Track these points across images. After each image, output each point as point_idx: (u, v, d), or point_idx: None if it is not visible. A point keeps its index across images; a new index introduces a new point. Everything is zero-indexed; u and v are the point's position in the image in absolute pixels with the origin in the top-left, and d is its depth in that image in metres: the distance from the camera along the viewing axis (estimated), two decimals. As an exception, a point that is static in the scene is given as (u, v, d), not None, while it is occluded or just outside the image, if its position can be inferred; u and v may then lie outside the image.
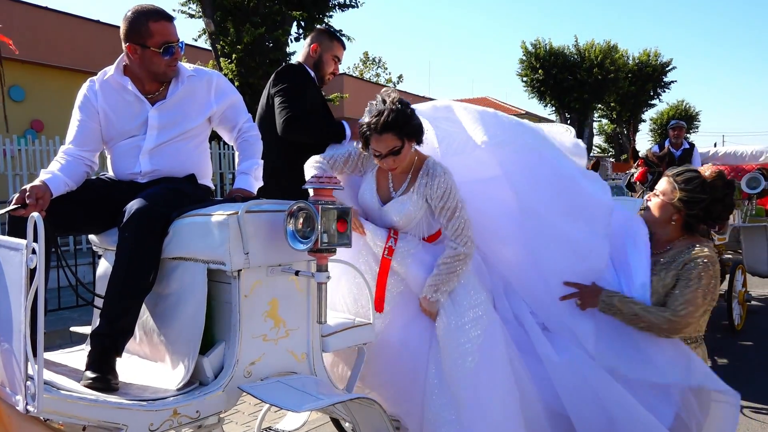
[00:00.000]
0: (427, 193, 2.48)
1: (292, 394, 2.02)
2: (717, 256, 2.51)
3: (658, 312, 2.42)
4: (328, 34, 3.53)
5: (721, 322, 6.33)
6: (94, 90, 2.45)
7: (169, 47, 2.36)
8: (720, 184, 2.50)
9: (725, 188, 2.52)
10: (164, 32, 2.36)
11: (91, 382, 1.94)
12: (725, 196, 2.51)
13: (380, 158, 2.45)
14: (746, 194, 6.66)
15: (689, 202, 2.48)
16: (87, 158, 2.46)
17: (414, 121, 2.45)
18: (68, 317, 5.98)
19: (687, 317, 2.39)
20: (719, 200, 2.49)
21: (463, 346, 2.42)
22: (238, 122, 2.66)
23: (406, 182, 2.55)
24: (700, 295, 2.40)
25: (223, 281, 2.09)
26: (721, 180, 2.51)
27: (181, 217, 2.17)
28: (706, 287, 2.40)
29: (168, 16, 2.40)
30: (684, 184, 2.50)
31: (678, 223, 2.54)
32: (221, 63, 11.36)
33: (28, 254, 1.62)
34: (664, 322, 2.40)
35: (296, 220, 2.01)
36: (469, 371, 2.39)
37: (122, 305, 2.12)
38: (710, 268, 2.42)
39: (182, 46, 2.42)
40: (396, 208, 2.53)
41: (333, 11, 12.37)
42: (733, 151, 8.06)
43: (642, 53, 28.05)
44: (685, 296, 2.41)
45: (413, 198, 2.50)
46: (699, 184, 2.48)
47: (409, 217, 2.52)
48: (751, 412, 4.18)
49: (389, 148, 2.40)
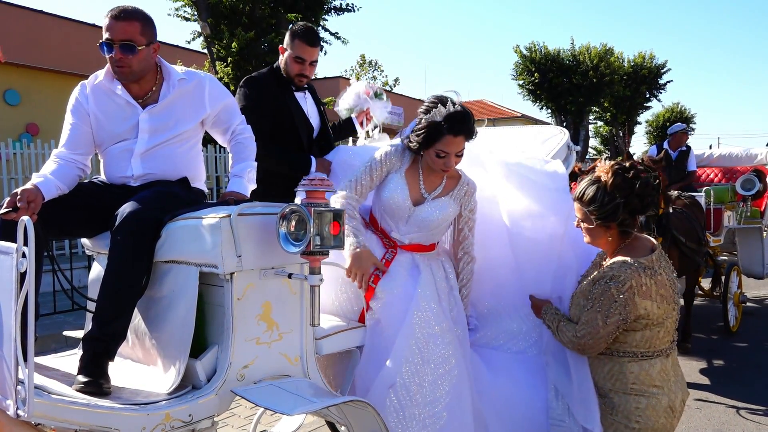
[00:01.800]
0: (464, 201, 2.60)
1: (286, 397, 2.01)
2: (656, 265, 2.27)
3: (567, 332, 2.34)
4: (291, 33, 3.30)
5: (717, 324, 6.35)
6: (85, 94, 2.44)
7: (102, 43, 2.30)
8: (620, 182, 2.26)
9: (630, 182, 2.26)
10: (106, 29, 2.30)
11: (82, 386, 1.93)
12: (633, 186, 2.26)
13: (444, 158, 2.46)
14: (741, 196, 6.68)
15: (606, 217, 2.27)
16: (79, 161, 2.45)
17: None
18: (63, 321, 5.95)
19: (585, 338, 2.26)
20: (633, 195, 2.26)
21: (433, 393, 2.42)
22: (231, 124, 2.65)
23: (441, 186, 2.59)
24: (600, 318, 2.22)
25: (216, 284, 2.08)
26: (618, 177, 2.26)
27: (174, 220, 2.16)
28: (607, 309, 2.21)
29: (112, 12, 2.30)
30: (590, 204, 2.29)
31: (615, 236, 2.34)
32: (216, 66, 11.37)
33: (18, 258, 1.61)
34: (569, 342, 2.34)
35: (289, 222, 2.01)
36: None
37: (114, 309, 2.11)
38: (611, 288, 2.21)
39: (127, 45, 2.28)
40: (433, 208, 2.56)
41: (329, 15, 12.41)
42: (728, 153, 8.09)
43: (637, 56, 28.13)
44: (586, 317, 2.28)
45: (450, 202, 2.58)
46: (603, 195, 2.26)
47: (446, 219, 2.59)
48: (747, 413, 4.19)
49: (459, 149, 2.46)
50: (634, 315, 2.22)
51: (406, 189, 2.54)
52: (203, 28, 11.45)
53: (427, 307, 2.46)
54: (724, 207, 6.42)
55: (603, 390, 2.36)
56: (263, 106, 3.20)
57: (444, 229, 2.67)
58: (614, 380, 2.32)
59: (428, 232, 2.60)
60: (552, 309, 2.51)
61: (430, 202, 2.56)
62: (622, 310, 2.20)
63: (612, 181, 2.26)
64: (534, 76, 25.11)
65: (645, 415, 2.27)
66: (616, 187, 2.26)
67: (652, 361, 2.30)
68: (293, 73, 3.30)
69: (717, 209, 6.30)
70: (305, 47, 3.26)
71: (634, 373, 2.29)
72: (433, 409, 2.38)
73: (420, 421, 2.35)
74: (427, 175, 2.58)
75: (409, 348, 2.40)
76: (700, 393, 4.57)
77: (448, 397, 2.39)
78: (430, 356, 2.41)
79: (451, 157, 2.45)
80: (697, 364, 5.25)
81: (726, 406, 4.32)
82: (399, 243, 2.60)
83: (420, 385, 2.38)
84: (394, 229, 2.60)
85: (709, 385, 4.76)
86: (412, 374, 2.38)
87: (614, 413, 2.32)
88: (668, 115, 34.40)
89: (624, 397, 2.30)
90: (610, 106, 28.55)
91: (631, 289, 2.20)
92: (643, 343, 2.28)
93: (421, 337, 2.42)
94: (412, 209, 2.55)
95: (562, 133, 3.32)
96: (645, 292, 2.22)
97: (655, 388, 2.28)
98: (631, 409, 2.28)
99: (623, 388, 2.30)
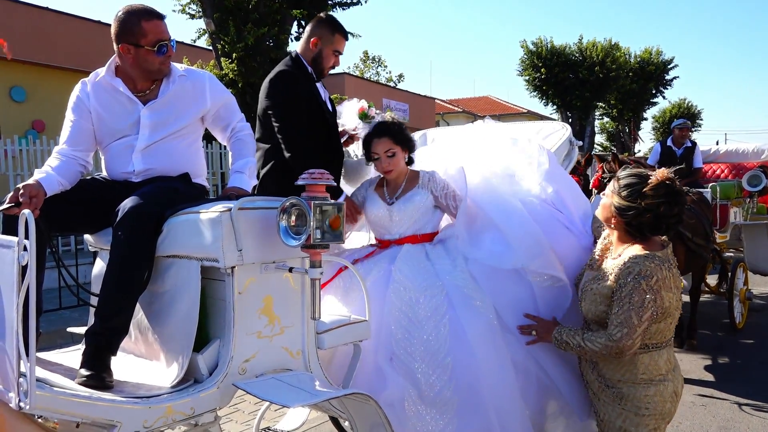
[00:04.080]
0: (431, 186, 2.93)
1: (287, 390, 2.02)
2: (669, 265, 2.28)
3: (597, 339, 2.29)
4: (330, 26, 3.26)
5: (723, 321, 6.33)
6: (86, 91, 2.47)
7: (162, 45, 2.37)
8: (656, 194, 2.25)
9: (663, 197, 2.25)
10: (157, 31, 2.37)
11: (85, 379, 1.94)
12: (660, 205, 2.25)
13: (377, 160, 2.89)
14: (747, 192, 6.65)
15: (621, 208, 2.30)
16: (81, 158, 2.47)
17: (406, 132, 2.97)
18: (69, 317, 5.97)
19: (623, 340, 2.22)
20: (649, 210, 2.25)
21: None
22: (231, 121, 2.68)
23: (401, 189, 2.96)
24: (634, 316, 2.21)
25: (217, 278, 2.08)
26: (661, 189, 2.26)
27: (175, 215, 2.17)
28: (639, 306, 2.20)
29: (159, 14, 2.40)
30: (622, 188, 2.31)
31: (618, 227, 2.36)
32: (222, 63, 11.38)
33: (20, 251, 1.62)
34: (604, 348, 2.27)
35: (289, 216, 2.01)
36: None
37: (116, 304, 2.12)
38: (641, 284, 2.20)
39: (174, 44, 2.42)
40: (403, 203, 2.90)
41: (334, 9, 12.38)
42: (735, 149, 8.05)
43: (644, 51, 27.99)
44: (619, 318, 2.24)
45: (420, 192, 2.91)
46: (636, 191, 2.27)
47: (417, 207, 2.89)
48: (753, 409, 4.17)
49: (386, 149, 2.87)
50: (662, 308, 2.25)
51: (377, 199, 2.99)
52: (208, 24, 11.43)
53: (402, 277, 2.65)
54: (731, 203, 6.39)
55: (612, 381, 2.40)
56: (302, 102, 3.14)
57: (430, 217, 2.94)
58: (624, 371, 2.36)
59: (414, 223, 2.91)
60: (564, 328, 2.46)
61: (400, 199, 2.93)
62: (653, 304, 2.21)
63: (652, 188, 2.26)
64: (540, 72, 25.04)
65: (654, 401, 2.33)
66: (650, 193, 2.25)
67: (661, 351, 2.35)
68: (327, 66, 3.28)
69: (723, 205, 6.27)
70: (343, 41, 3.29)
71: (644, 363, 2.33)
72: (437, 359, 2.48)
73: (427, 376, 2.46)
74: (388, 185, 3.02)
75: (394, 315, 2.57)
76: (706, 389, 4.56)
77: (447, 343, 2.49)
78: (417, 316, 2.56)
79: (382, 158, 2.88)
80: (703, 361, 5.23)
81: (731, 402, 4.30)
82: (391, 240, 2.92)
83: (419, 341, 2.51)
84: (386, 233, 2.96)
85: (715, 382, 4.75)
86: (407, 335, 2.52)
87: (623, 403, 2.37)
88: (675, 111, 34.25)
89: (633, 387, 2.35)
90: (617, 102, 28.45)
91: (657, 282, 2.22)
92: (657, 334, 2.32)
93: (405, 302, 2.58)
94: (388, 210, 2.92)
95: (564, 128, 3.31)
96: (667, 285, 2.26)
97: (661, 376, 2.35)
98: (640, 397, 2.34)
99: (633, 379, 2.35)
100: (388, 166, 2.89)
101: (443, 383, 2.46)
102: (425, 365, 2.47)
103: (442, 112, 30.14)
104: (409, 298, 2.58)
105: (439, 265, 2.72)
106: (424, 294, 2.59)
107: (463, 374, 2.47)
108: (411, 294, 2.59)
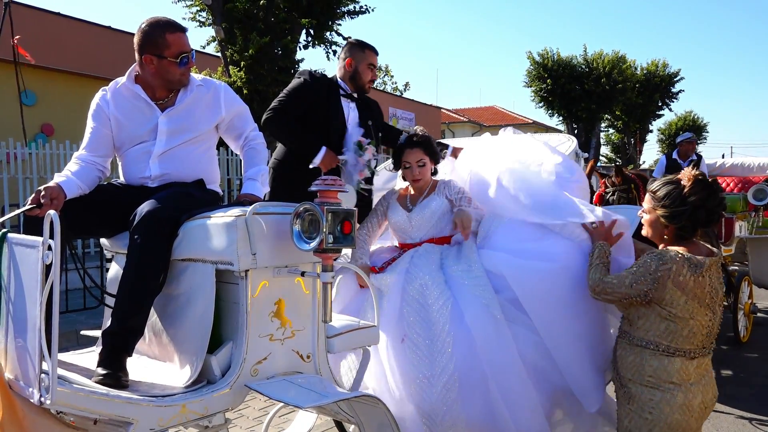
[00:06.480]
0: (446, 192, 3.19)
1: (297, 391, 2.06)
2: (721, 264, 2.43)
3: (597, 271, 2.50)
4: (359, 46, 3.61)
5: (727, 334, 6.32)
6: (106, 99, 2.56)
7: (184, 57, 2.48)
8: (698, 190, 2.37)
9: (704, 191, 2.38)
10: (180, 43, 2.48)
11: (102, 378, 1.99)
12: (707, 199, 2.38)
13: (409, 169, 3.16)
14: (753, 206, 6.66)
15: (671, 216, 2.39)
16: (99, 163, 2.55)
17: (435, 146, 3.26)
18: (76, 320, 6.03)
19: (606, 285, 2.43)
20: (700, 207, 2.37)
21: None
22: (245, 130, 2.76)
23: (422, 197, 3.20)
24: (629, 279, 2.36)
25: (231, 282, 2.13)
26: (699, 185, 2.39)
27: (191, 219, 2.22)
28: (639, 276, 2.33)
29: (182, 27, 2.52)
30: (662, 199, 2.42)
31: (671, 236, 2.46)
32: (230, 70, 11.47)
33: (44, 250, 1.67)
34: (590, 279, 2.51)
35: (302, 221, 2.06)
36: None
37: (133, 305, 2.17)
38: (652, 262, 2.32)
39: (194, 55, 2.54)
40: (421, 209, 3.16)
41: (342, 19, 12.48)
42: (741, 163, 8.05)
43: (650, 64, 28.03)
44: (621, 274, 2.43)
45: (436, 198, 3.17)
46: (677, 196, 2.38)
47: (433, 212, 3.14)
48: (758, 423, 4.18)
49: (417, 159, 3.14)
50: (659, 296, 2.31)
51: (398, 207, 3.24)
52: (217, 32, 11.54)
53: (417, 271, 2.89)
54: (736, 217, 6.40)
55: (624, 379, 2.45)
56: (307, 96, 3.42)
57: (447, 220, 3.15)
58: (634, 370, 2.41)
59: (432, 227, 3.15)
60: (605, 247, 2.63)
61: (418, 206, 3.18)
62: (650, 284, 2.30)
63: (690, 187, 2.38)
64: (546, 83, 25.09)
65: (658, 408, 2.35)
66: (690, 193, 2.37)
67: (673, 359, 2.36)
68: (367, 80, 3.60)
69: (728, 219, 6.28)
70: (374, 55, 3.63)
71: (652, 366, 2.37)
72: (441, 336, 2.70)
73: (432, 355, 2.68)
74: (411, 193, 3.27)
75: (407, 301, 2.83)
76: (709, 402, 4.56)
77: (447, 324, 2.71)
78: (427, 300, 2.80)
79: (413, 167, 3.13)
80: (706, 373, 5.22)
81: (735, 416, 4.30)
82: (412, 244, 3.16)
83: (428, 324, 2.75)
84: (408, 238, 3.20)
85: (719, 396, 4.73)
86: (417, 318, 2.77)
87: (631, 403, 2.42)
88: (681, 124, 34.24)
89: (640, 388, 2.39)
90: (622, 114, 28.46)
91: (668, 271, 2.29)
92: (666, 335, 2.35)
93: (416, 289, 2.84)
94: (408, 217, 3.17)
95: (570, 140, 3.36)
96: (680, 282, 2.30)
97: (671, 385, 2.35)
98: (645, 400, 2.37)
99: (640, 379, 2.39)
100: (418, 174, 3.15)
101: (446, 360, 2.64)
102: (430, 342, 2.70)
103: (448, 122, 30.24)
104: (420, 285, 2.84)
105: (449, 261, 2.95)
106: (433, 281, 2.84)
107: (461, 350, 2.65)
108: (421, 281, 2.85)
